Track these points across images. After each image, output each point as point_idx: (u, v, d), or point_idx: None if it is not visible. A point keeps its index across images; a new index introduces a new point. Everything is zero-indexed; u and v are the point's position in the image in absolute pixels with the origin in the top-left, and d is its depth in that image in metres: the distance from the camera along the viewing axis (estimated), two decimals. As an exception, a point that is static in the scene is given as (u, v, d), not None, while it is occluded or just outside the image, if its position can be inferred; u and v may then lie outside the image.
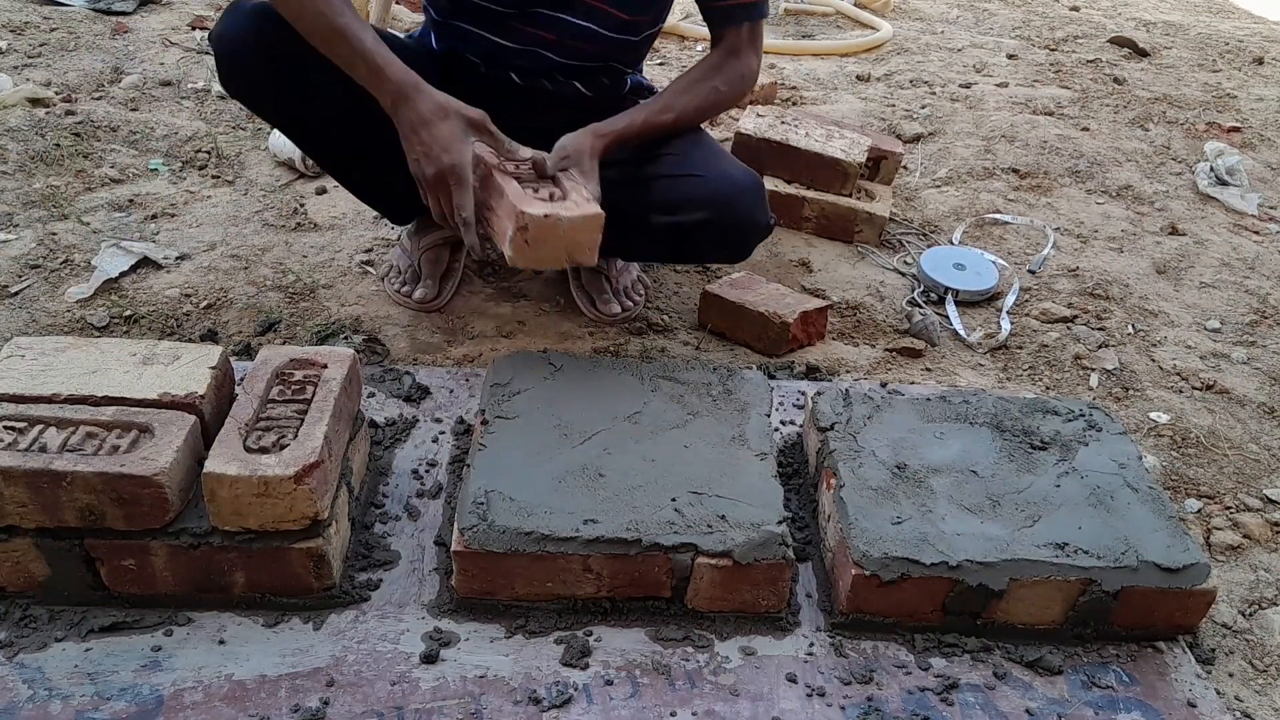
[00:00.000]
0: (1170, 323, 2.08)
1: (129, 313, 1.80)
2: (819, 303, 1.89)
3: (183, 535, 1.15)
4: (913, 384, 1.78)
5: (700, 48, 3.46)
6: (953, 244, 2.30)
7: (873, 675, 1.20)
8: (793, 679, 1.19)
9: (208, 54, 2.97)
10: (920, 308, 2.01)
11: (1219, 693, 1.24)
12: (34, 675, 1.11)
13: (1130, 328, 2.04)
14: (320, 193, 2.25)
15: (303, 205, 2.20)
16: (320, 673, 1.14)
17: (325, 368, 1.29)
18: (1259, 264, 2.33)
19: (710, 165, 1.63)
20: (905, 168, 2.65)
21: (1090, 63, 3.57)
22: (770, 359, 1.83)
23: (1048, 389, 1.84)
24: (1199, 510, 1.58)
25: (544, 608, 1.24)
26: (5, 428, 1.14)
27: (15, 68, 2.73)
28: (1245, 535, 1.52)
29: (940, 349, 1.93)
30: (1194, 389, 1.87)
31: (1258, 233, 2.49)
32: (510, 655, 1.19)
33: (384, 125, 1.46)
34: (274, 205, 2.20)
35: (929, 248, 2.24)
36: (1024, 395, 1.72)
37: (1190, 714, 1.19)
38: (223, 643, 1.17)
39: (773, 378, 1.73)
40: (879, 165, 2.40)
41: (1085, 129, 2.97)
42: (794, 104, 3.04)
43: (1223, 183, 2.65)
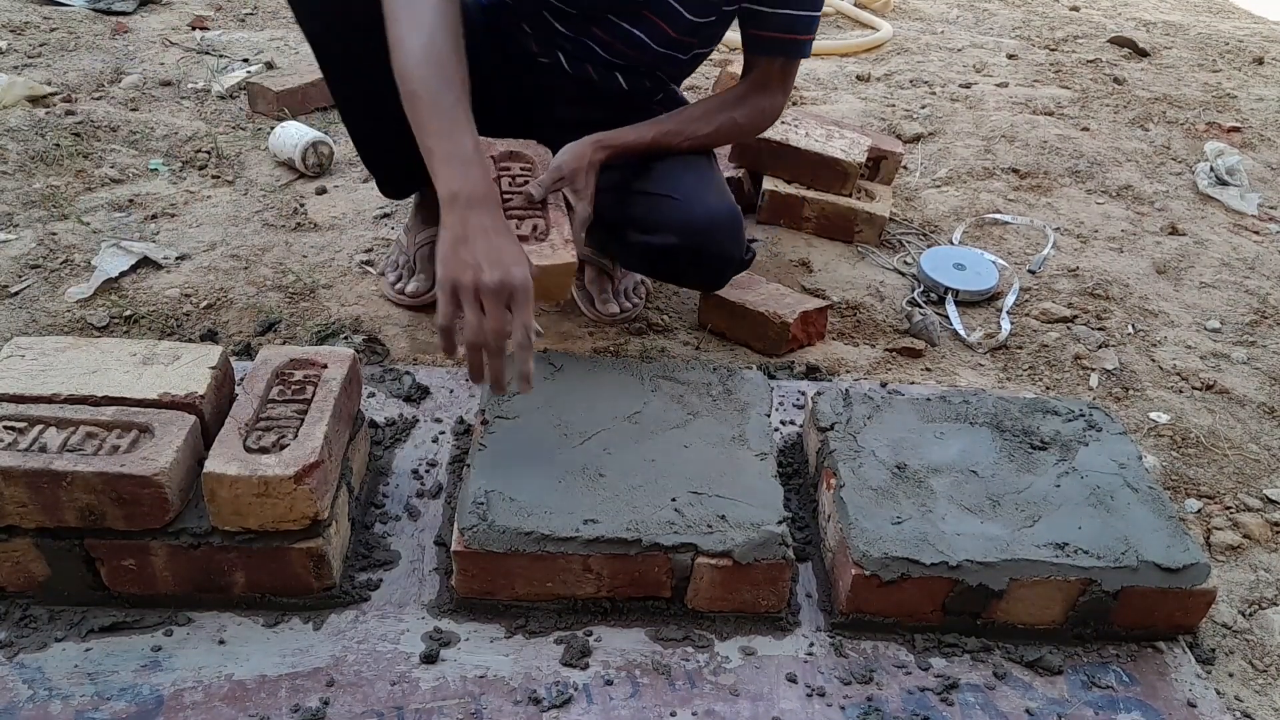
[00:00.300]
0: (1170, 323, 2.08)
1: (129, 313, 1.80)
2: (819, 303, 1.89)
3: (183, 535, 1.15)
4: (913, 384, 1.78)
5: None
6: (953, 244, 2.30)
7: (873, 675, 1.20)
8: (793, 679, 1.19)
9: (208, 54, 2.97)
10: (920, 308, 2.01)
11: (1219, 693, 1.24)
12: (34, 675, 1.11)
13: (1130, 328, 2.04)
14: (320, 193, 2.25)
15: (303, 205, 2.20)
16: (320, 673, 1.14)
17: (325, 368, 1.29)
18: (1259, 264, 2.33)
19: (691, 191, 1.58)
20: (905, 168, 2.65)
21: (1090, 63, 3.57)
22: (770, 359, 1.83)
23: (1048, 389, 1.84)
24: (1199, 510, 1.58)
25: (544, 608, 1.24)
26: (5, 428, 1.14)
27: (15, 68, 2.72)
28: (1245, 535, 1.52)
29: (940, 349, 1.93)
30: (1194, 389, 1.87)
31: (1258, 233, 2.49)
32: (510, 655, 1.19)
33: None
34: (274, 205, 2.20)
35: (929, 248, 2.24)
36: (1024, 395, 1.72)
37: (1190, 714, 1.19)
38: (223, 643, 1.17)
39: (773, 378, 1.73)
40: (879, 165, 2.40)
41: (1085, 129, 2.97)
42: (794, 104, 3.04)
43: (1223, 183, 2.65)
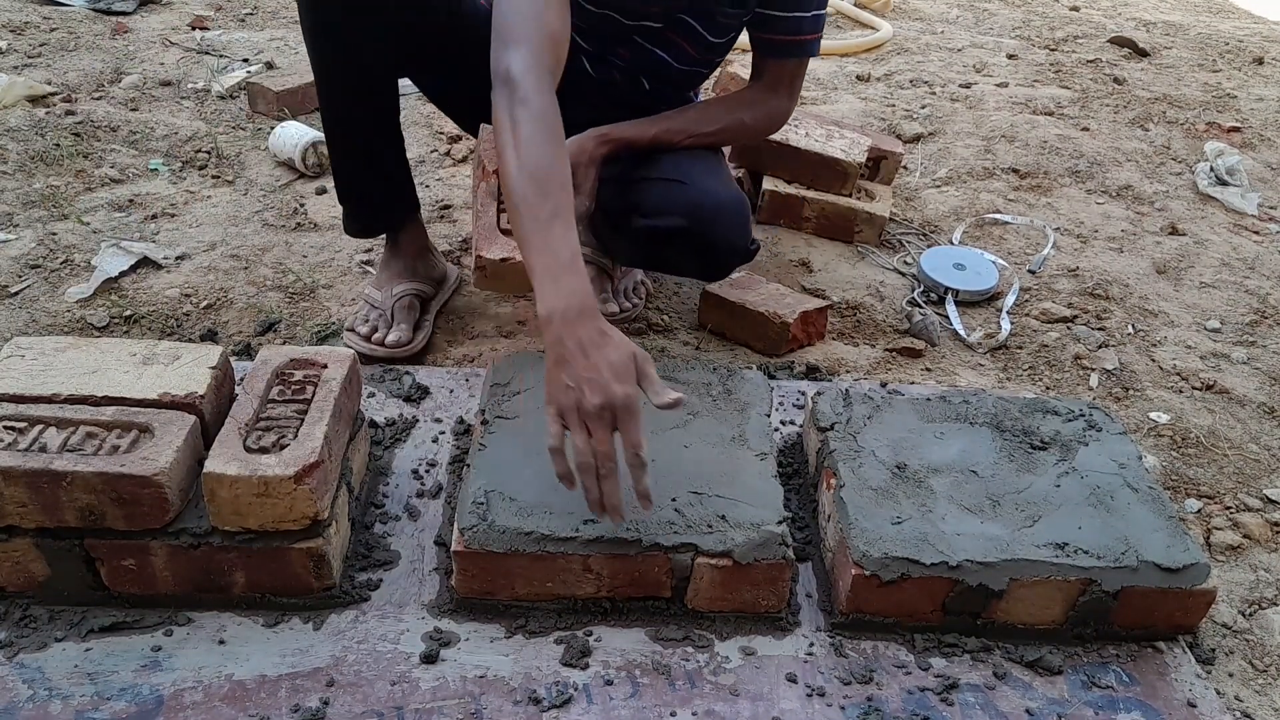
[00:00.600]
0: (1170, 323, 2.08)
1: (129, 313, 1.80)
2: (819, 303, 1.89)
3: (183, 535, 1.15)
4: (913, 384, 1.78)
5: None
6: (953, 244, 2.30)
7: (873, 675, 1.20)
8: (793, 679, 1.19)
9: (208, 54, 2.97)
10: (920, 308, 2.01)
11: (1219, 693, 1.24)
12: (34, 675, 1.11)
13: (1130, 328, 2.04)
14: (320, 193, 2.25)
15: (303, 205, 2.20)
16: (320, 673, 1.14)
17: (325, 368, 1.29)
18: (1259, 264, 2.33)
19: (699, 177, 1.60)
20: (905, 168, 2.65)
21: (1090, 63, 3.57)
22: (770, 359, 1.83)
23: (1048, 389, 1.84)
24: (1199, 510, 1.58)
25: (544, 608, 1.24)
26: (5, 428, 1.14)
27: (15, 68, 2.73)
28: (1245, 535, 1.52)
29: (940, 349, 1.93)
30: (1194, 389, 1.87)
31: (1258, 233, 2.49)
32: (510, 655, 1.19)
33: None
34: (274, 205, 2.20)
35: (929, 248, 2.24)
36: (1024, 395, 1.72)
37: (1190, 714, 1.19)
38: (223, 643, 1.17)
39: (773, 378, 1.73)
40: (879, 165, 2.40)
41: (1085, 129, 2.97)
42: (794, 104, 3.03)
43: (1223, 183, 2.65)
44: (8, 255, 1.92)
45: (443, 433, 1.52)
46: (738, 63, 2.55)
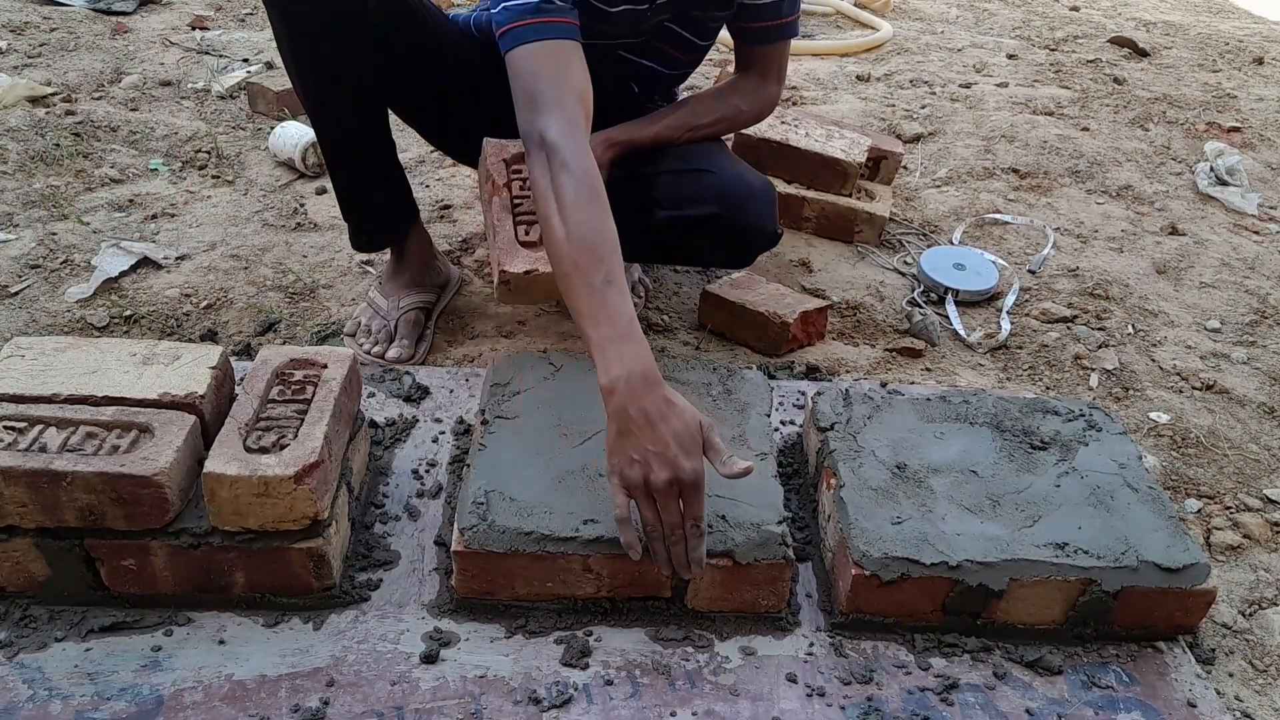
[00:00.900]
0: (1170, 323, 2.08)
1: (129, 313, 1.80)
2: (819, 303, 1.89)
3: (183, 535, 1.15)
4: (913, 384, 1.78)
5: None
6: (953, 244, 2.30)
7: (873, 675, 1.20)
8: (793, 679, 1.19)
9: (208, 54, 2.97)
10: (920, 308, 2.01)
11: (1219, 693, 1.24)
12: (34, 675, 1.11)
13: (1130, 328, 2.04)
14: (320, 193, 2.25)
15: (303, 205, 2.20)
16: (320, 673, 1.14)
17: (325, 368, 1.29)
18: (1259, 264, 2.33)
19: (723, 164, 1.62)
20: (905, 168, 2.65)
21: (1090, 63, 3.57)
22: (770, 359, 1.83)
23: (1048, 389, 1.84)
24: (1199, 510, 1.58)
25: (544, 608, 1.24)
26: (5, 428, 1.14)
27: (15, 68, 2.73)
28: (1245, 535, 1.52)
29: (940, 349, 1.93)
30: (1194, 389, 1.87)
31: (1258, 233, 2.49)
32: (510, 655, 1.19)
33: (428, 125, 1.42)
34: (274, 205, 2.20)
35: (929, 248, 2.24)
36: (1024, 395, 1.72)
37: (1190, 714, 1.19)
38: (223, 643, 1.17)
39: (773, 378, 1.73)
40: (879, 165, 2.40)
41: (1085, 129, 2.97)
42: (794, 104, 3.04)
43: (1223, 183, 2.65)
44: (8, 255, 1.92)
45: (443, 433, 1.52)
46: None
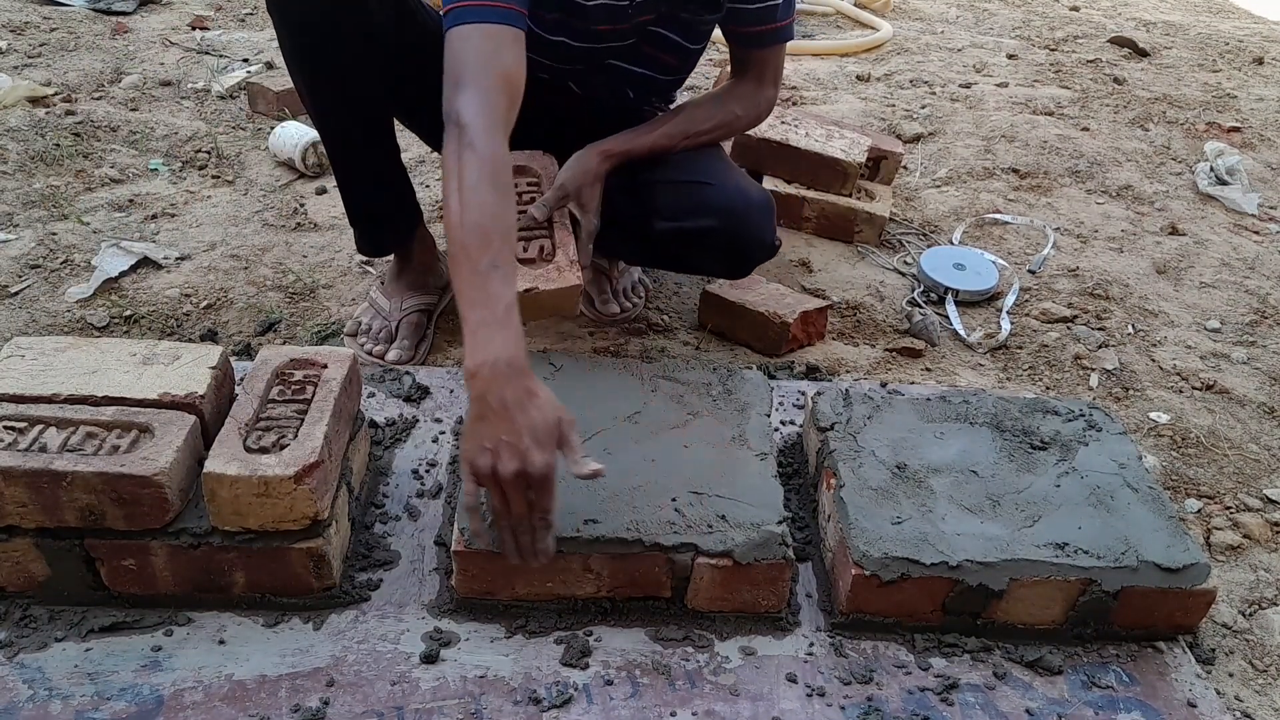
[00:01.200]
0: (1170, 323, 2.08)
1: (129, 313, 1.80)
2: (819, 303, 1.89)
3: (183, 535, 1.15)
4: (913, 384, 1.78)
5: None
6: (953, 244, 2.30)
7: (873, 675, 1.20)
8: (793, 679, 1.19)
9: (208, 54, 2.97)
10: (920, 308, 2.01)
11: (1219, 693, 1.24)
12: (34, 675, 1.11)
13: (1130, 328, 2.04)
14: (320, 193, 2.25)
15: (303, 205, 2.20)
16: (320, 673, 1.14)
17: (325, 368, 1.29)
18: (1259, 264, 2.33)
19: (722, 176, 1.61)
20: (905, 168, 2.65)
21: (1090, 63, 3.57)
22: (770, 359, 1.83)
23: (1048, 389, 1.84)
24: (1199, 510, 1.58)
25: (544, 608, 1.24)
26: (5, 428, 1.14)
27: (15, 68, 2.73)
28: (1245, 535, 1.52)
29: (940, 349, 1.93)
30: (1194, 389, 1.87)
31: (1258, 233, 2.49)
32: (510, 655, 1.19)
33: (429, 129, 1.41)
34: (274, 205, 2.20)
35: (929, 248, 2.24)
36: (1024, 395, 1.72)
37: (1190, 714, 1.19)
38: (223, 643, 1.17)
39: (773, 378, 1.73)
40: (879, 165, 2.40)
41: (1085, 129, 2.97)
42: (794, 104, 3.04)
43: (1223, 183, 2.65)
44: (8, 255, 1.92)
45: (443, 433, 1.52)
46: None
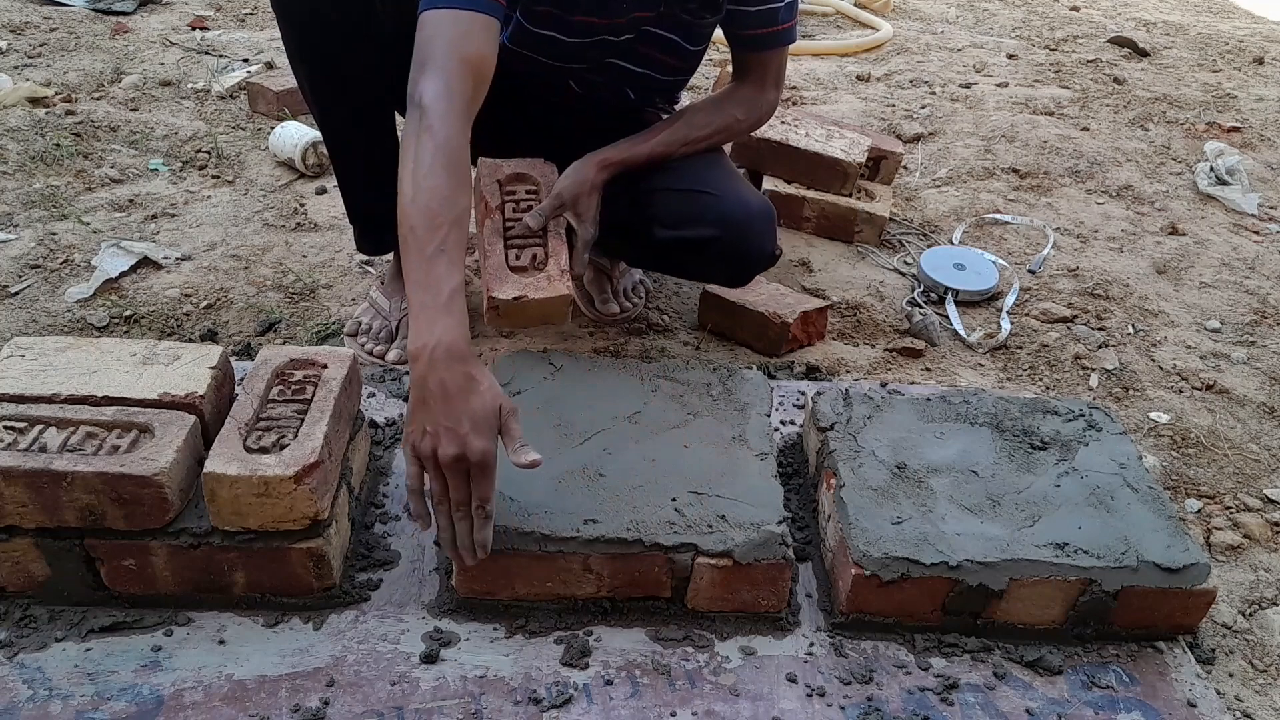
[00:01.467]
0: (1170, 323, 2.08)
1: (129, 313, 1.80)
2: (819, 303, 1.89)
3: (183, 535, 1.15)
4: (913, 384, 1.78)
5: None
6: (953, 244, 2.30)
7: (873, 675, 1.20)
8: (793, 679, 1.19)
9: (208, 54, 2.97)
10: (920, 308, 2.01)
11: (1219, 693, 1.24)
12: (34, 675, 1.11)
13: (1130, 328, 2.04)
14: (320, 193, 2.25)
15: (303, 205, 2.20)
16: (320, 673, 1.14)
17: (325, 368, 1.29)
18: (1259, 264, 2.33)
19: (725, 186, 1.59)
20: (905, 168, 2.65)
21: (1090, 63, 3.57)
22: (770, 359, 1.83)
23: (1048, 389, 1.84)
24: (1199, 510, 1.58)
25: (544, 608, 1.24)
26: (5, 428, 1.14)
27: (15, 68, 2.73)
28: (1245, 535, 1.52)
29: (940, 349, 1.93)
30: (1194, 389, 1.87)
31: (1258, 233, 2.49)
32: (510, 655, 1.19)
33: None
34: (274, 205, 2.20)
35: (929, 248, 2.24)
36: (1024, 395, 1.72)
37: (1190, 714, 1.19)
38: (223, 643, 1.17)
39: (773, 378, 1.73)
40: (879, 165, 2.40)
41: (1085, 129, 2.97)
42: (794, 104, 3.04)
43: (1223, 183, 2.65)
44: (8, 255, 1.92)
45: (443, 433, 1.52)
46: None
